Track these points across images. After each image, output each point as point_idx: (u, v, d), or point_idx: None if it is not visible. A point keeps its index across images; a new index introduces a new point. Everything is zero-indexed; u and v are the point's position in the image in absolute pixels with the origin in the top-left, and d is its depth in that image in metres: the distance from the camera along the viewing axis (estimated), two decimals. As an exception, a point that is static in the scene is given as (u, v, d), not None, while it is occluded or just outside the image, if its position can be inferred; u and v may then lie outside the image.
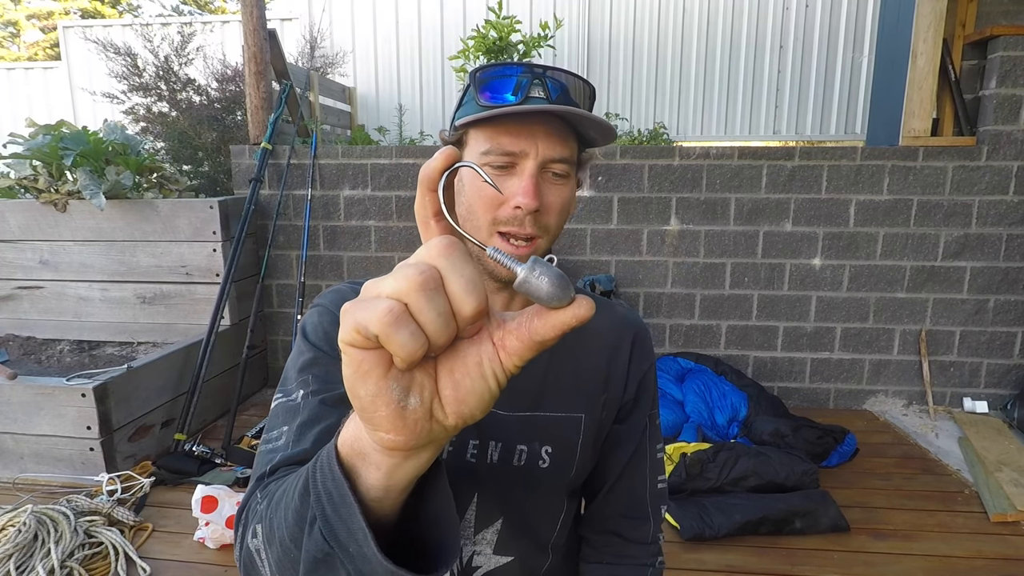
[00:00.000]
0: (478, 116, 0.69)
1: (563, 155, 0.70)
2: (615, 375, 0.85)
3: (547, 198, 0.71)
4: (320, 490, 0.41)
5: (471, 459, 0.79)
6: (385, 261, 3.23)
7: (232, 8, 12.72)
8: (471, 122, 0.70)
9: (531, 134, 0.69)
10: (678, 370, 2.95)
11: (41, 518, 1.85)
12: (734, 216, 3.02)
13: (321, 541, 0.41)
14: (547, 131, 0.69)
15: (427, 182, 0.39)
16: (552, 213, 0.72)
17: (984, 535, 2.03)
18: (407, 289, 0.32)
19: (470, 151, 0.72)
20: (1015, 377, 3.02)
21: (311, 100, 3.79)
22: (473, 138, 0.72)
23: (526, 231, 0.70)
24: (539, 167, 0.70)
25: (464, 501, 0.81)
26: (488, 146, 0.70)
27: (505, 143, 0.69)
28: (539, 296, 0.34)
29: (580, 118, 0.69)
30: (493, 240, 0.71)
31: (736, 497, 2.11)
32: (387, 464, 0.37)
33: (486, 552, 0.82)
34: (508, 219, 0.70)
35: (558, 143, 0.70)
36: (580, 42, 5.14)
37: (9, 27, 14.41)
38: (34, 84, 6.26)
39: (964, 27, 2.98)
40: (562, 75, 0.71)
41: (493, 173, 0.70)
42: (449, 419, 0.35)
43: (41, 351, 2.98)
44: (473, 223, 0.72)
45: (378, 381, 0.33)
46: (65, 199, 2.96)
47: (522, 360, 0.36)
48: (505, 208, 0.70)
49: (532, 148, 0.69)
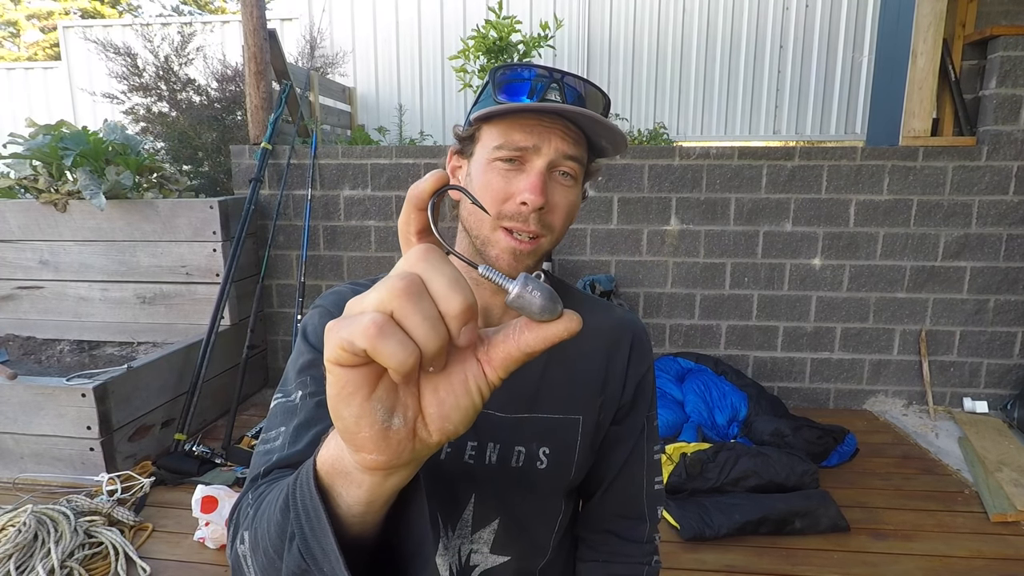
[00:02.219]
0: (493, 109, 0.69)
1: (574, 154, 0.71)
2: (613, 377, 0.85)
3: (553, 197, 0.71)
4: (299, 508, 0.41)
5: (469, 460, 0.79)
6: (385, 261, 3.23)
7: (232, 8, 12.72)
8: (486, 116, 0.71)
9: (544, 132, 0.69)
10: (678, 370, 2.95)
11: (41, 518, 1.85)
12: (734, 216, 3.02)
13: (299, 558, 0.41)
14: (560, 131, 0.70)
15: (416, 201, 0.39)
16: (557, 212, 0.72)
17: (984, 535, 2.03)
18: (389, 298, 0.32)
19: (482, 146, 0.73)
20: (1015, 377, 3.02)
21: (311, 100, 3.79)
22: (486, 133, 0.73)
23: (530, 228, 0.70)
24: (548, 166, 0.70)
25: (462, 502, 0.81)
26: (500, 140, 0.70)
27: (517, 139, 0.70)
28: (531, 311, 0.35)
29: (594, 124, 0.69)
30: (497, 234, 0.71)
31: (736, 497, 2.11)
32: (368, 482, 0.37)
33: (483, 551, 0.83)
34: (513, 214, 0.70)
35: (569, 143, 0.71)
36: (580, 42, 5.13)
37: (9, 27, 14.41)
38: (34, 84, 6.25)
39: (964, 27, 2.97)
40: (580, 82, 0.72)
41: (503, 168, 0.71)
42: (433, 437, 0.35)
43: (41, 351, 2.98)
44: (478, 216, 0.73)
45: (362, 403, 0.33)
46: (65, 199, 2.96)
47: (506, 373, 0.36)
48: (511, 203, 0.70)
49: (544, 145, 0.70)
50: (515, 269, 0.72)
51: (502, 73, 0.72)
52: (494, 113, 0.70)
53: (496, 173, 0.71)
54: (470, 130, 0.75)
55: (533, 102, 0.69)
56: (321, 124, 3.62)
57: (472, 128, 0.74)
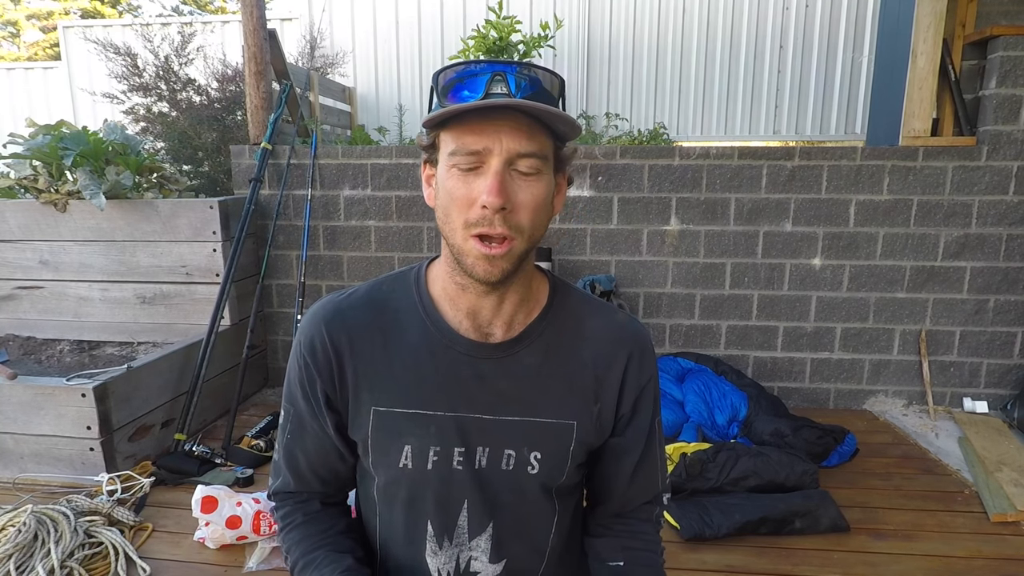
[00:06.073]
0: (434, 116, 0.68)
1: (530, 150, 0.68)
2: (608, 387, 0.83)
3: (517, 196, 0.69)
4: None
5: (458, 467, 0.79)
6: (385, 261, 3.23)
7: (232, 8, 12.73)
8: (433, 124, 0.70)
9: (494, 131, 0.67)
10: (678, 370, 2.95)
11: (41, 518, 1.85)
12: (734, 216, 3.02)
13: None
14: (511, 127, 0.67)
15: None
16: (523, 211, 0.70)
17: (984, 535, 2.03)
18: None
19: (441, 154, 0.72)
20: (1015, 377, 3.02)
21: (311, 100, 3.79)
22: (443, 139, 0.71)
23: (497, 231, 0.68)
24: (505, 164, 0.68)
25: (455, 508, 0.81)
26: (453, 146, 0.69)
27: (469, 142, 0.67)
28: None
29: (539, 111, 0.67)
30: (469, 243, 0.70)
31: (736, 497, 2.11)
32: None
33: (482, 559, 0.82)
34: (478, 220, 0.68)
35: (523, 137, 0.68)
36: (580, 42, 5.14)
37: (9, 27, 14.41)
38: (34, 84, 6.25)
39: (964, 27, 2.97)
40: (526, 69, 0.70)
41: (461, 174, 0.69)
42: None
43: (41, 351, 2.98)
44: (449, 227, 0.71)
45: None
46: (65, 199, 2.96)
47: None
48: (475, 209, 0.68)
49: (496, 145, 0.67)
50: (491, 274, 0.71)
51: (442, 73, 0.70)
52: (435, 120, 0.68)
53: (456, 180, 0.69)
54: (429, 138, 0.73)
55: (474, 100, 0.67)
56: (321, 124, 3.62)
57: (431, 136, 0.73)
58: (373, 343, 0.79)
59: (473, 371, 0.79)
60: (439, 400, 0.78)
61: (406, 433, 0.78)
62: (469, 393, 0.79)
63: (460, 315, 0.79)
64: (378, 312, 0.81)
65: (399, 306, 0.81)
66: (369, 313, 0.81)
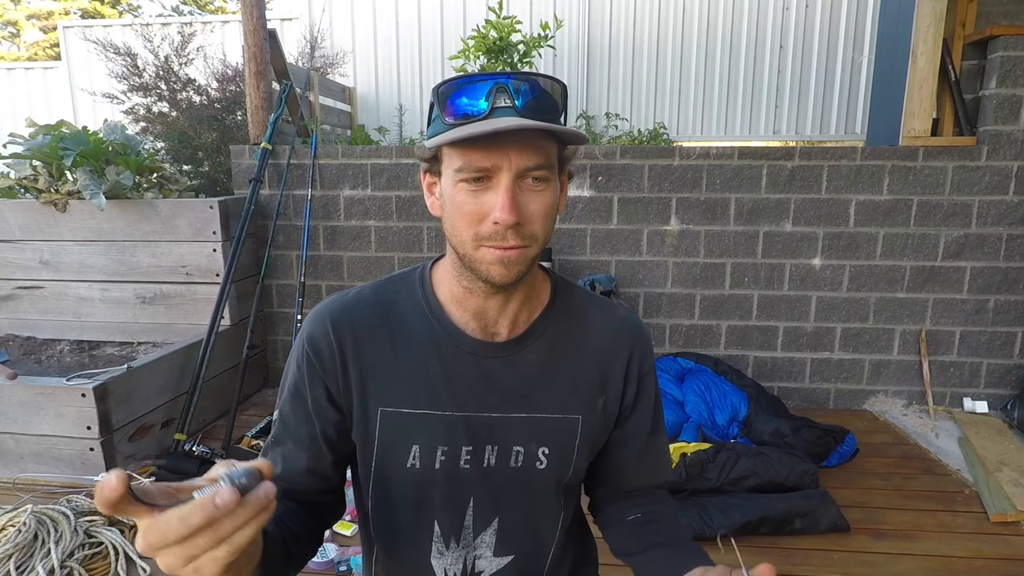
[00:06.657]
0: (442, 140, 0.67)
1: (538, 162, 0.68)
2: (612, 379, 0.85)
3: (528, 207, 0.69)
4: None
5: (465, 465, 0.79)
6: (385, 261, 3.23)
7: (232, 8, 12.73)
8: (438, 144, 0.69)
9: (502, 148, 0.67)
10: (678, 370, 2.95)
11: (41, 518, 1.85)
12: (734, 216, 3.02)
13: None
14: (516, 145, 0.67)
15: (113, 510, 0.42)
16: (535, 221, 0.70)
17: (984, 535, 2.03)
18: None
19: (446, 167, 0.71)
20: (1015, 377, 3.02)
21: (311, 100, 3.79)
22: (447, 155, 0.71)
23: (509, 243, 0.69)
24: (514, 179, 0.68)
25: (461, 508, 0.81)
26: (460, 163, 0.68)
27: (476, 159, 0.67)
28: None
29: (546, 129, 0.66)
30: (480, 252, 0.70)
31: (736, 497, 2.11)
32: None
33: (487, 555, 0.83)
34: (490, 234, 0.69)
35: (531, 152, 0.68)
36: (580, 42, 5.13)
37: (9, 27, 14.42)
38: (34, 84, 6.25)
39: (964, 27, 2.97)
40: (528, 78, 0.69)
41: (470, 189, 0.69)
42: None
43: (41, 351, 2.98)
44: (457, 239, 0.71)
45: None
46: (65, 199, 2.96)
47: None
48: (486, 224, 0.68)
49: (504, 162, 0.67)
50: (507, 277, 0.71)
51: (445, 88, 0.70)
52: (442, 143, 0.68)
53: (465, 194, 0.69)
54: (431, 151, 0.73)
55: (482, 113, 0.67)
56: (321, 124, 3.62)
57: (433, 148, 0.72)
58: (380, 344, 0.80)
59: (480, 370, 0.79)
60: (447, 400, 0.79)
61: (414, 433, 0.79)
62: (477, 392, 0.79)
63: (466, 316, 0.80)
64: (385, 313, 0.81)
65: (405, 307, 0.82)
66: (376, 314, 0.81)
